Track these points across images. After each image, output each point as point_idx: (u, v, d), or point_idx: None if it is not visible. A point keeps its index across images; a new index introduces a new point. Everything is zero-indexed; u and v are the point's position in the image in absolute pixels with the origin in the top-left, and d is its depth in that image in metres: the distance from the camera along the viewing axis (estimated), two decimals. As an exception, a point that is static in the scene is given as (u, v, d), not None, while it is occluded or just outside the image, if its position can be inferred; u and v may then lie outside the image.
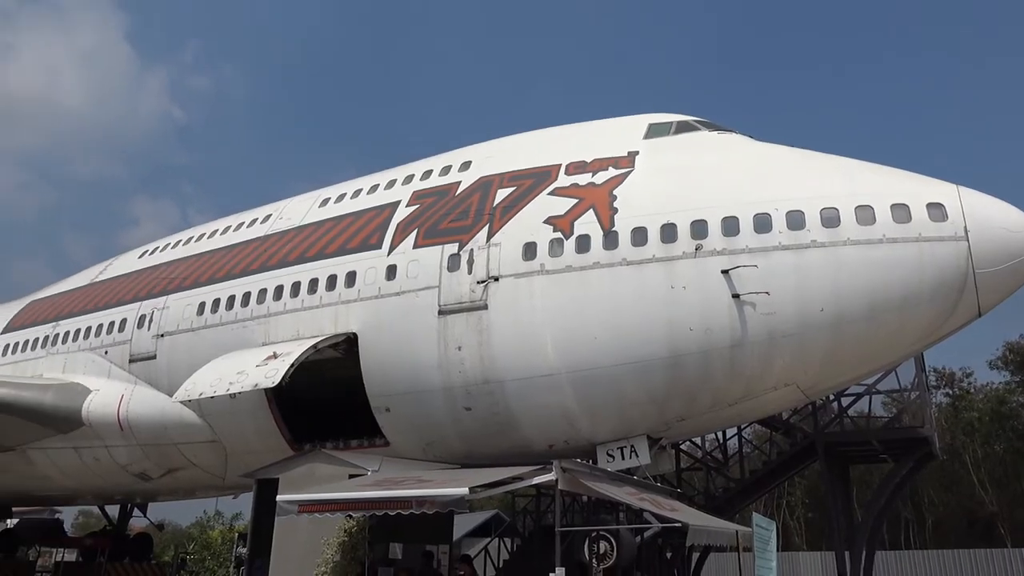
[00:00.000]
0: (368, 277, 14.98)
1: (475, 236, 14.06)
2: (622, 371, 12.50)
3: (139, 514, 32.72)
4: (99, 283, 22.99)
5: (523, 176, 14.68)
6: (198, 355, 17.07)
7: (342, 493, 10.57)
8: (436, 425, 13.99)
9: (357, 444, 15.00)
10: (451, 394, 13.52)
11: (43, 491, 24.89)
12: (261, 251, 17.94)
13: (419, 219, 15.20)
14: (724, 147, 14.33)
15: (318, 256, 16.30)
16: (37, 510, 35.26)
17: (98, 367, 19.99)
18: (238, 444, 17.09)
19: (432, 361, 13.61)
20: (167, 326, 18.55)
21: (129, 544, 31.93)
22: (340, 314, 15.14)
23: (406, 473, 12.17)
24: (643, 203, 13.17)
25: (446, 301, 13.75)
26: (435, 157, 17.34)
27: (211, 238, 20.50)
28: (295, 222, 18.11)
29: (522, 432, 13.47)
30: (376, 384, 14.34)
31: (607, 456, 13.22)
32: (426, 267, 14.25)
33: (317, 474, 12.78)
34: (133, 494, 27.65)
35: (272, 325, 16.22)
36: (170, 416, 17.71)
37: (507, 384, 13.06)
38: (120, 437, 19.00)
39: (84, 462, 20.28)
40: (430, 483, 10.57)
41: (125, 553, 30.78)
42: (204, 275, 18.76)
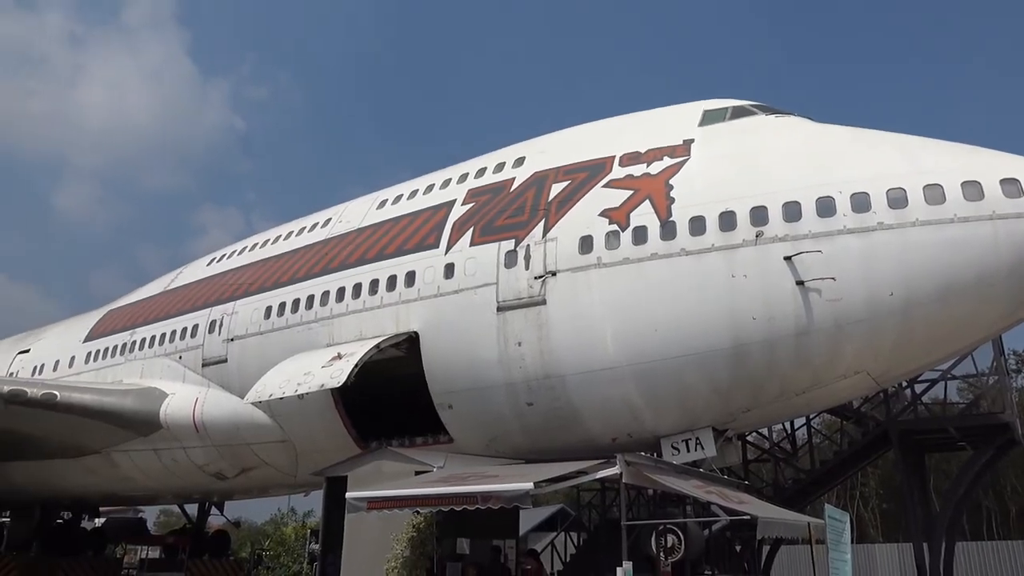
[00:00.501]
0: (427, 276, 15.17)
1: (531, 232, 14.08)
2: (684, 362, 12.35)
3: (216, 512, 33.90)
4: (171, 291, 23.88)
5: (577, 169, 14.62)
6: (267, 358, 17.58)
7: (408, 490, 10.74)
8: (499, 421, 14.07)
9: (422, 441, 15.21)
10: (512, 390, 13.58)
11: (127, 492, 26.03)
12: (323, 254, 18.34)
13: (475, 217, 15.30)
14: (782, 130, 13.98)
15: (378, 257, 16.58)
16: (122, 510, 36.88)
17: (173, 372, 20.78)
18: (307, 443, 17.54)
19: (492, 357, 13.69)
20: (236, 330, 19.15)
21: (208, 541, 33.12)
22: (401, 314, 15.37)
23: (470, 469, 12.29)
24: (700, 191, 12.96)
25: (504, 297, 13.81)
26: (489, 154, 17.42)
27: (275, 243, 21.06)
28: (354, 225, 18.46)
29: (585, 426, 13.44)
30: (438, 382, 14.52)
31: (672, 449, 13.09)
32: (483, 264, 14.33)
33: (384, 471, 13.02)
34: (210, 493, 28.67)
35: (336, 326, 16.58)
36: (242, 417, 18.30)
37: (568, 378, 13.04)
38: (196, 438, 19.73)
39: (164, 463, 21.12)
40: (494, 479, 10.64)
41: (204, 550, 31.94)
42: (270, 280, 19.30)
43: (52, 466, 23.62)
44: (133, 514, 38.31)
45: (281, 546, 12.86)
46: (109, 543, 34.61)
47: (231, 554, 35.01)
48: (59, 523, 31.42)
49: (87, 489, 25.83)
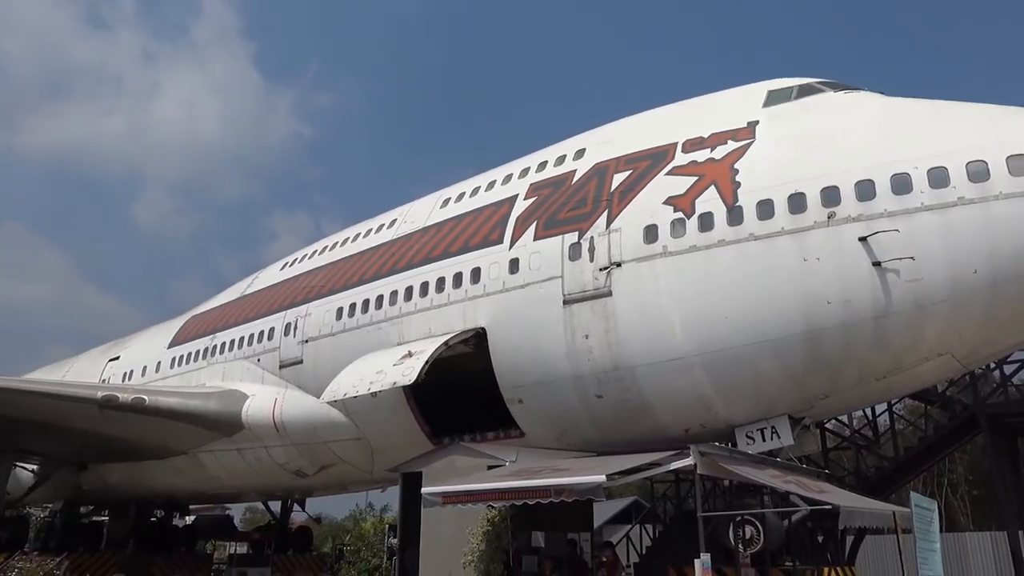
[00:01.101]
0: (492, 272, 15.27)
1: (594, 223, 14.01)
2: (756, 350, 12.08)
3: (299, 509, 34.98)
4: (248, 296, 24.71)
5: (639, 158, 14.46)
6: (340, 358, 18.03)
7: (482, 484, 10.85)
8: (569, 414, 14.07)
9: (493, 436, 15.34)
10: (581, 382, 13.56)
11: (214, 490, 27.13)
12: (390, 254, 18.68)
13: (537, 211, 15.31)
14: (852, 106, 13.51)
15: (443, 255, 16.78)
16: (210, 507, 38.43)
17: (253, 374, 21.52)
18: (382, 440, 17.92)
19: (560, 351, 13.69)
20: (310, 332, 19.70)
21: (292, 537, 34.23)
22: (468, 310, 15.53)
23: (543, 462, 12.32)
24: (767, 174, 12.65)
25: (570, 290, 13.79)
26: (549, 148, 17.40)
27: (344, 246, 21.55)
28: (419, 224, 18.72)
29: (656, 417, 13.31)
30: (507, 376, 14.61)
31: (747, 438, 12.83)
32: (548, 258, 14.34)
33: (457, 466, 13.18)
34: (292, 490, 29.59)
35: (405, 325, 16.87)
36: (319, 416, 18.82)
37: (637, 370, 12.94)
38: (276, 438, 20.39)
39: (247, 462, 21.91)
40: (566, 472, 10.65)
41: (288, 545, 33.01)
42: (340, 281, 19.77)
43: (144, 467, 24.81)
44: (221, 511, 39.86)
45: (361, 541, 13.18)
46: (199, 540, 36.16)
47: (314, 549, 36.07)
48: (153, 521, 32.99)
49: (177, 488, 27.04)
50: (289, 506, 34.08)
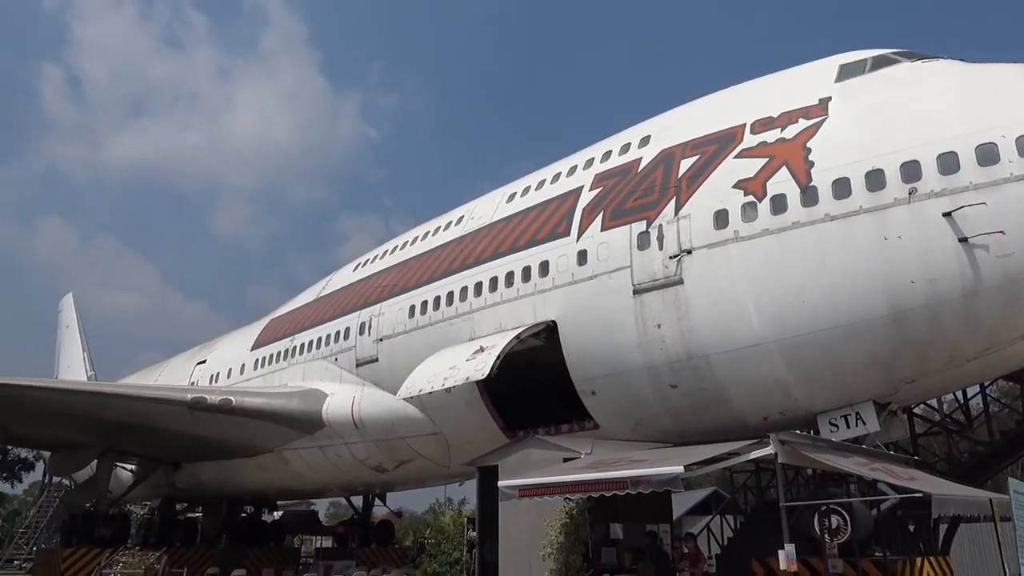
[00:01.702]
0: (560, 265, 15.24)
1: (662, 211, 13.81)
2: (837, 334, 11.69)
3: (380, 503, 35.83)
4: (323, 297, 25.39)
5: (706, 142, 14.16)
6: (414, 355, 18.34)
7: (558, 476, 10.87)
8: (643, 405, 13.94)
9: (567, 428, 15.33)
10: (655, 372, 13.40)
11: (299, 486, 28.03)
12: (459, 251, 18.88)
13: (604, 201, 15.19)
14: (931, 76, 12.88)
15: (511, 250, 16.84)
16: (296, 503, 39.71)
17: (331, 373, 22.12)
18: (457, 435, 18.15)
19: (632, 341, 13.57)
20: (384, 330, 20.10)
21: (374, 531, 35.07)
22: (538, 304, 15.55)
23: (618, 454, 12.25)
24: (842, 151, 12.20)
25: (640, 280, 13.64)
26: (613, 137, 17.23)
27: (413, 245, 21.89)
28: (486, 220, 18.84)
29: (733, 406, 13.04)
30: (579, 368, 14.57)
31: (830, 425, 12.44)
32: (616, 248, 14.22)
33: (533, 459, 13.24)
34: (373, 485, 30.30)
35: (476, 320, 17.03)
36: (396, 413, 19.20)
37: (712, 358, 12.70)
38: (356, 435, 20.91)
39: (329, 459, 22.54)
40: (643, 463, 10.56)
41: (372, 539, 33.83)
42: (411, 280, 20.10)
43: (232, 465, 25.84)
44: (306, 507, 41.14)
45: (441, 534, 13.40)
46: (287, 534, 37.45)
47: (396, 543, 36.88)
48: (243, 517, 34.35)
49: (264, 485, 28.05)
50: (371, 501, 34.93)
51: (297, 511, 39.77)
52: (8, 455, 47.60)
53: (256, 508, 35.34)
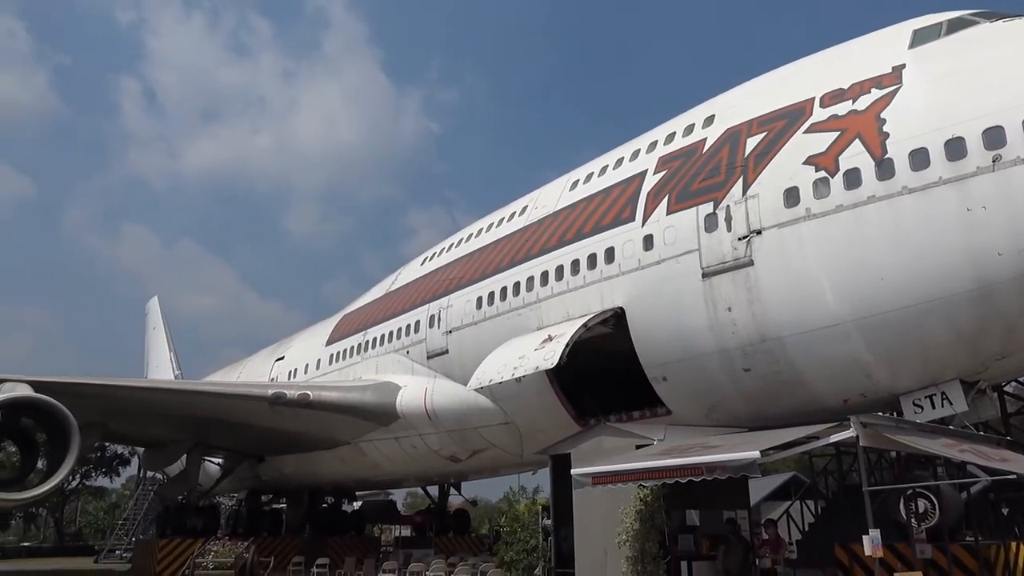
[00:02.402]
0: (626, 251, 15.10)
1: (729, 191, 13.50)
2: (918, 311, 11.21)
3: (455, 493, 36.40)
4: (393, 292, 25.88)
5: (773, 119, 13.76)
6: (483, 345, 18.51)
7: (631, 464, 10.81)
8: (716, 389, 13.71)
9: (639, 415, 15.22)
10: (727, 356, 13.16)
11: (376, 477, 28.75)
12: (523, 241, 18.92)
13: (668, 184, 14.96)
14: (1012, 36, 12.15)
15: (576, 237, 16.78)
16: (375, 493, 40.76)
17: (403, 366, 22.55)
18: (529, 424, 18.25)
19: (702, 325, 13.35)
20: (453, 323, 20.36)
21: (451, 519, 35.69)
22: (605, 291, 15.46)
23: (692, 440, 12.10)
24: (918, 121, 11.66)
25: (708, 263, 13.39)
26: (676, 118, 16.92)
27: (478, 236, 22.06)
28: (550, 209, 18.82)
29: (810, 388, 12.69)
30: (649, 355, 14.43)
31: (914, 406, 11.95)
32: (682, 232, 13.99)
33: (605, 447, 13.19)
34: (447, 475, 30.81)
35: (543, 310, 17.06)
36: (467, 403, 19.44)
37: (786, 340, 12.38)
38: (429, 425, 21.28)
39: (404, 450, 23.02)
40: (718, 448, 10.41)
41: (448, 527, 34.44)
42: (478, 272, 20.27)
43: (312, 457, 26.68)
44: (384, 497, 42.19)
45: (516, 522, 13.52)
46: (367, 523, 38.46)
47: (472, 531, 37.42)
48: (324, 507, 35.45)
49: (343, 476, 28.87)
50: (446, 490, 35.54)
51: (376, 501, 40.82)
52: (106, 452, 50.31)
53: (336, 498, 36.42)
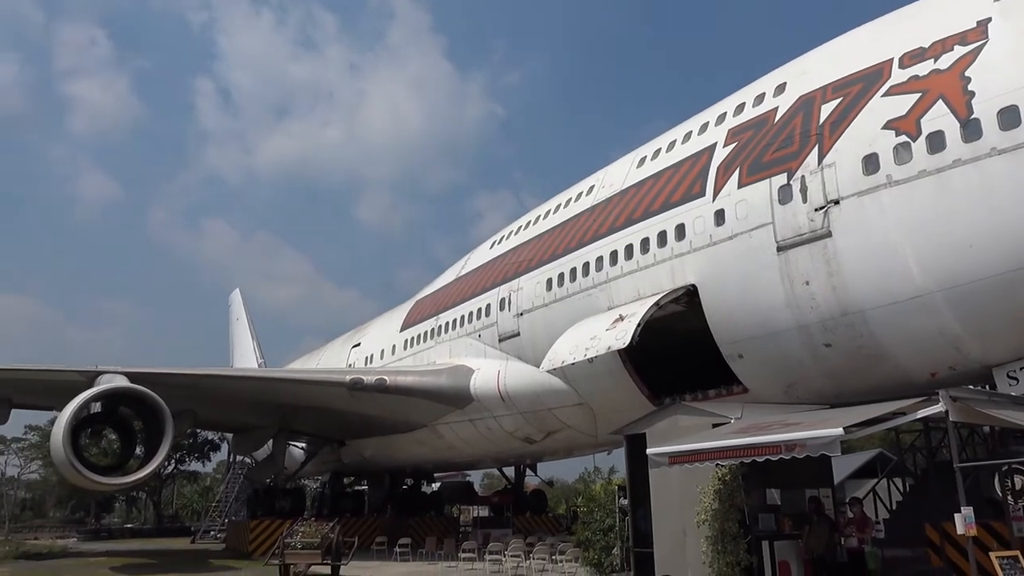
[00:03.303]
0: (697, 227, 14.82)
1: (804, 161, 13.05)
2: (1011, 279, 10.61)
3: (531, 474, 36.74)
4: (463, 276, 26.15)
5: (848, 83, 13.19)
6: (554, 327, 18.54)
7: (708, 443, 10.65)
8: (795, 366, 13.36)
9: (715, 393, 14.99)
10: (806, 332, 12.79)
11: (453, 459, 29.25)
12: (591, 221, 18.80)
13: (739, 157, 14.58)
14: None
15: (645, 215, 16.56)
16: (452, 475, 41.50)
17: (475, 349, 22.81)
18: (602, 404, 18.22)
19: (779, 301, 13.01)
20: (523, 305, 20.44)
21: (528, 499, 36.06)
22: (676, 268, 15.24)
23: (771, 418, 11.82)
24: (1008, 77, 10.97)
25: (783, 236, 13.01)
26: (745, 88, 16.43)
27: (546, 218, 22.02)
28: (617, 187, 18.62)
29: (895, 363, 12.22)
30: (724, 332, 14.17)
31: (1008, 379, 11.35)
32: (755, 205, 13.63)
33: (680, 426, 13.03)
34: (523, 456, 31.11)
35: (613, 289, 16.94)
36: (540, 385, 19.54)
37: (868, 313, 11.94)
38: (503, 407, 21.49)
39: (479, 431, 23.34)
40: (798, 426, 10.15)
41: (525, 508, 34.81)
42: (547, 253, 20.26)
43: (391, 440, 27.35)
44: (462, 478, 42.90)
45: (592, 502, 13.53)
46: (445, 504, 39.25)
47: (549, 511, 37.72)
48: (404, 488, 36.35)
49: (421, 458, 29.50)
50: (522, 471, 35.90)
51: (454, 482, 41.57)
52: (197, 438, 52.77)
53: (416, 480, 37.29)
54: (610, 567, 12.99)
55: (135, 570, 21.75)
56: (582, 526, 14.03)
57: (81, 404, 19.76)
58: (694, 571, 11.62)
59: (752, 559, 11.06)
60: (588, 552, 13.47)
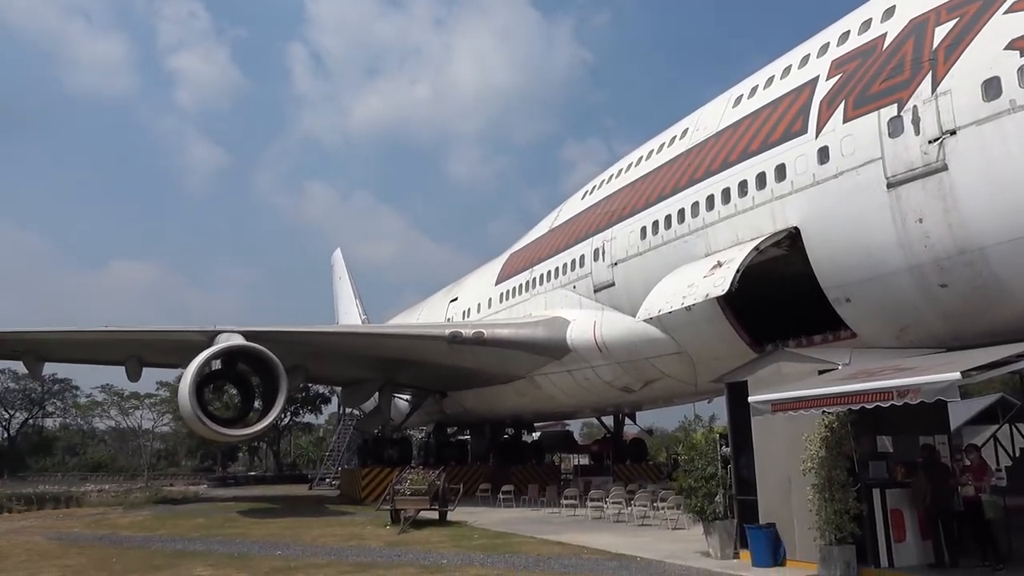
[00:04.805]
0: (798, 166, 14.17)
1: (916, 90, 12.17)
2: None
3: (630, 423, 36.86)
4: (556, 228, 26.10)
5: (965, 2, 12.12)
6: (649, 276, 18.30)
7: (812, 390, 10.35)
8: (908, 309, 12.71)
9: (820, 339, 14.48)
10: (919, 272, 12.11)
11: (552, 409, 29.69)
12: (686, 166, 18.29)
13: (844, 89, 13.75)
14: None
15: (742, 157, 15.97)
16: (551, 425, 42.16)
17: (570, 300, 22.86)
18: (701, 352, 17.96)
19: (889, 241, 12.33)
20: (618, 254, 20.26)
21: (627, 448, 36.29)
22: (776, 211, 14.68)
23: (882, 363, 11.33)
24: None
25: (894, 172, 12.26)
26: (849, 15, 15.37)
27: (638, 165, 21.59)
28: (712, 129, 17.99)
29: (1019, 303, 11.40)
30: (829, 276, 13.61)
31: None
32: (862, 140, 12.87)
33: (784, 373, 12.68)
34: (621, 406, 31.21)
35: (710, 235, 16.51)
36: (637, 334, 19.43)
37: (989, 251, 11.15)
38: (600, 358, 21.54)
39: (577, 382, 23.53)
40: (912, 371, 9.69)
41: (625, 456, 35.06)
42: (640, 201, 19.92)
43: (491, 391, 27.98)
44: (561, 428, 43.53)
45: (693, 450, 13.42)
46: (546, 453, 40.01)
47: (649, 459, 37.83)
48: (505, 438, 37.23)
49: (520, 408, 30.07)
50: (621, 420, 36.08)
51: (553, 431, 42.26)
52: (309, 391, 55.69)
53: (516, 430, 38.10)
54: (713, 514, 12.94)
55: (260, 514, 23.40)
56: (683, 474, 13.98)
57: (203, 362, 21.18)
58: (800, 519, 11.44)
59: (862, 507, 10.76)
60: (690, 499, 13.44)
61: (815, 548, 10.86)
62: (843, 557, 10.44)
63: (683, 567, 11.74)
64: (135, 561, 13.06)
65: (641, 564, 12.07)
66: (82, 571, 11.95)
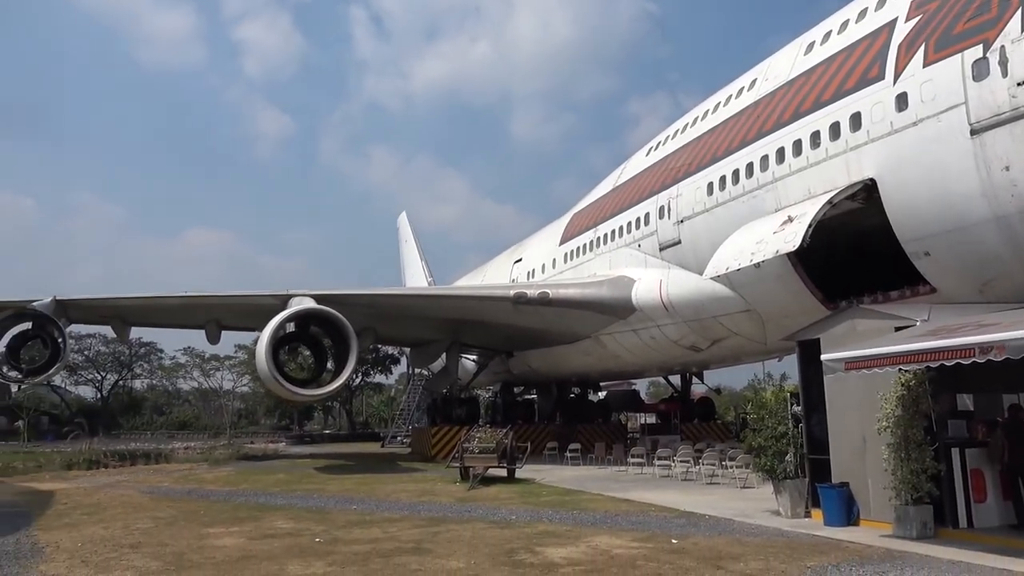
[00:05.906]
0: (875, 115, 13.56)
1: (1003, 29, 11.41)
2: None
3: (697, 382, 36.55)
4: (620, 186, 25.76)
5: (1063, -70, 11.24)
6: (717, 232, 17.93)
7: (888, 347, 10.03)
8: (992, 262, 12.12)
9: (897, 295, 13.99)
10: (1005, 224, 11.50)
11: (617, 368, 29.65)
12: (755, 118, 17.71)
13: (924, 31, 13.01)
14: None
15: (815, 107, 15.36)
16: (617, 384, 42.16)
17: (635, 259, 22.63)
18: (771, 310, 17.58)
19: (973, 190, 11.74)
20: (684, 212, 19.88)
21: (695, 407, 36.04)
22: (851, 162, 14.11)
23: (964, 319, 10.88)
24: None
25: (978, 117, 11.60)
26: (932, -49, 14.46)
27: (704, 119, 21.01)
28: (782, 79, 17.32)
29: (1117, 254, 10.73)
30: (907, 229, 13.06)
31: None
32: (944, 84, 12.19)
33: (859, 330, 12.30)
34: (688, 365, 30.95)
35: (781, 189, 16.03)
36: (704, 292, 19.14)
37: (1085, 199, 10.49)
38: (666, 316, 21.33)
39: (643, 341, 23.40)
40: (995, 327, 9.27)
41: (693, 415, 34.85)
42: (706, 157, 19.43)
43: (557, 351, 28.10)
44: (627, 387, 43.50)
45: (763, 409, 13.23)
46: (612, 412, 40.13)
47: (718, 418, 37.51)
48: (571, 397, 37.46)
49: (586, 368, 30.14)
50: (688, 379, 35.81)
51: (620, 391, 42.27)
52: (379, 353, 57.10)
53: (582, 389, 38.27)
54: (783, 473, 12.77)
55: (336, 470, 24.29)
56: (752, 433, 13.82)
57: (277, 325, 21.93)
58: (875, 478, 11.19)
59: (940, 467, 10.46)
60: (760, 458, 13.29)
61: (890, 508, 10.64)
62: (920, 517, 10.22)
63: (753, 525, 11.69)
64: (221, 514, 13.78)
65: (710, 522, 12.07)
66: (173, 522, 12.68)
